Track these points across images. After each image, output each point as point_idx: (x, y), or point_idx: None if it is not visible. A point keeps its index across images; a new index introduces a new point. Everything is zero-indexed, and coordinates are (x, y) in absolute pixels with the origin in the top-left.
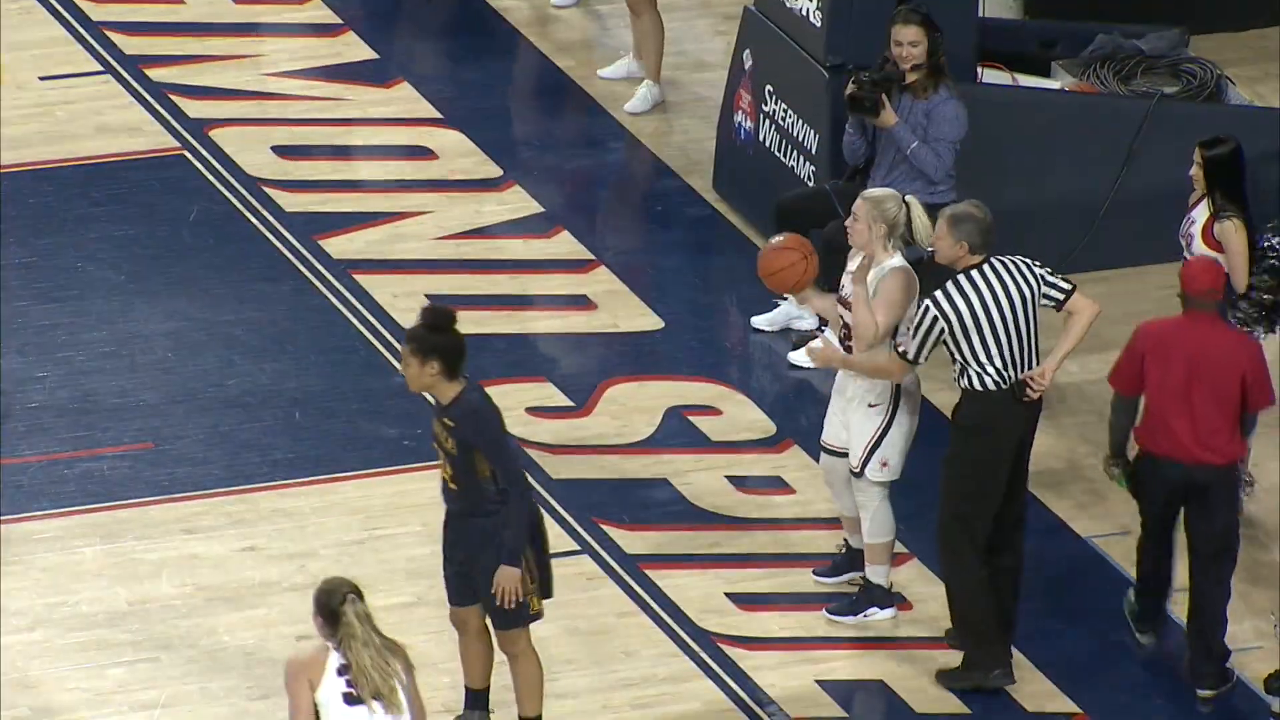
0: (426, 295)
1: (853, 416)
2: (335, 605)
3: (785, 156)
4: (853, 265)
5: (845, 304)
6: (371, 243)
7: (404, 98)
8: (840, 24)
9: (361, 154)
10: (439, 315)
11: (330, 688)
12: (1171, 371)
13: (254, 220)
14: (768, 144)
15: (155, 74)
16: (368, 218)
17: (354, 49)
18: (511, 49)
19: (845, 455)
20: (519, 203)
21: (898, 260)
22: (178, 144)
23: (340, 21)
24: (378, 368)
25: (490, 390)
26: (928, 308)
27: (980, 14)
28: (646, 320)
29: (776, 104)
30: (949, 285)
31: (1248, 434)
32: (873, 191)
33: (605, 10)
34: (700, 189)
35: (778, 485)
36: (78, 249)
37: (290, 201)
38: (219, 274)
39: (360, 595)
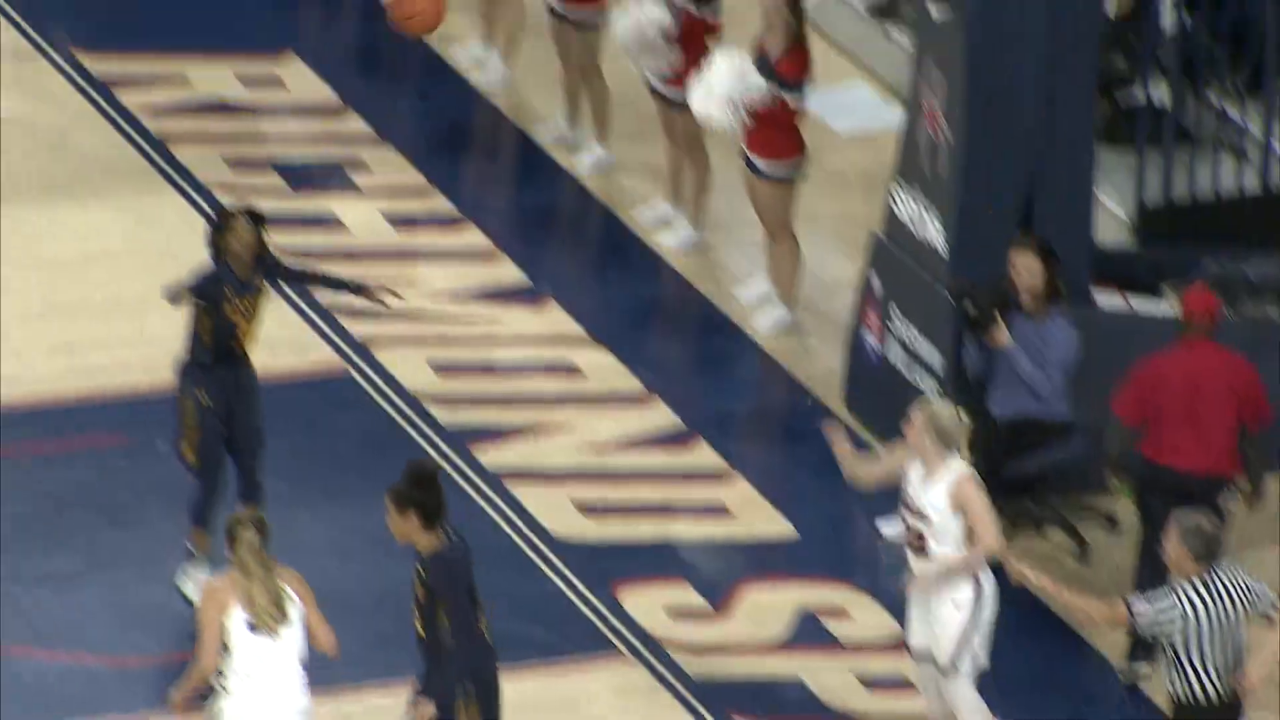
0: (572, 501)
1: (939, 613)
2: (234, 533)
3: (911, 374)
4: (914, 474)
5: (912, 510)
6: (522, 453)
7: (553, 317)
8: (963, 251)
9: (513, 370)
10: (420, 470)
11: (237, 616)
12: (1173, 397)
13: (412, 432)
14: (895, 363)
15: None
16: (519, 429)
17: (506, 272)
18: (654, 273)
19: (932, 659)
20: (660, 417)
21: (959, 465)
22: (342, 362)
23: (494, 246)
24: (528, 571)
25: (631, 591)
26: (1175, 601)
27: (1094, 239)
28: (780, 527)
29: (902, 325)
30: (1189, 588)
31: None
32: (930, 401)
33: (747, 237)
34: (831, 404)
35: (905, 686)
36: None
37: (447, 415)
38: (377, 483)
39: (261, 527)
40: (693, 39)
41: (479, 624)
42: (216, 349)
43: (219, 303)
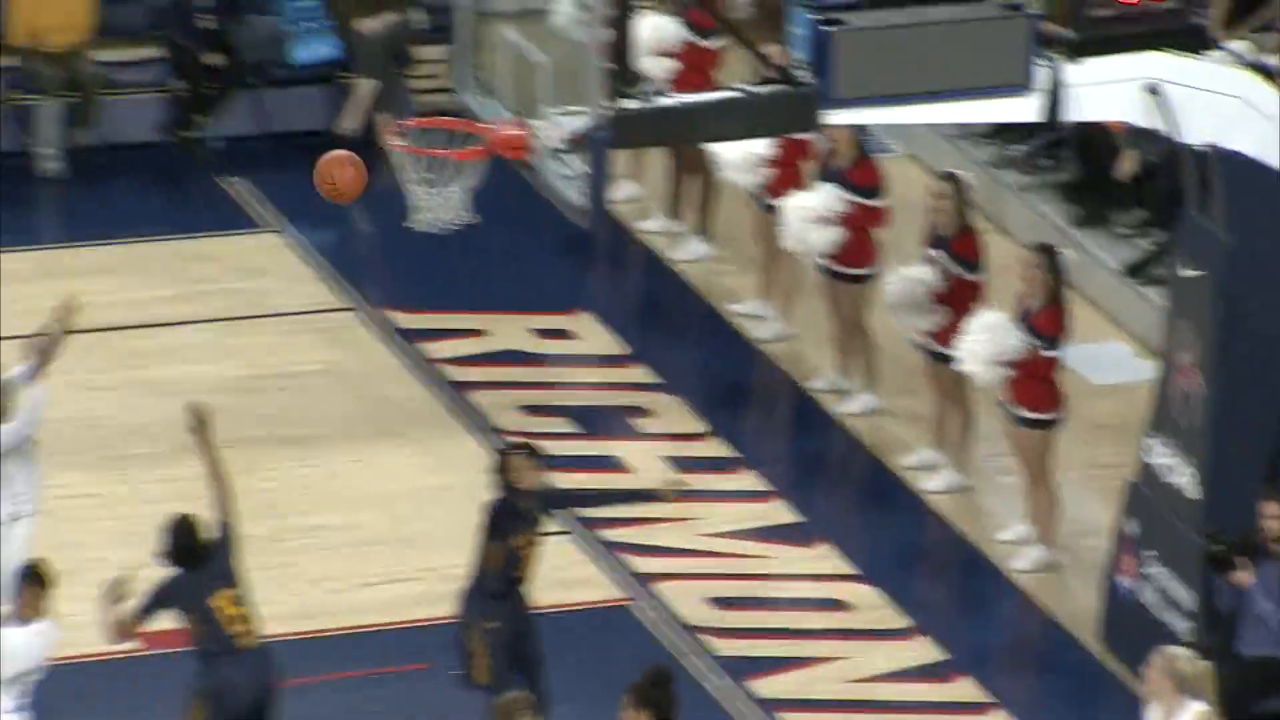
0: None
1: None
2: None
3: (1164, 614)
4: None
5: None
6: (793, 684)
7: (823, 556)
8: (1215, 498)
9: (786, 606)
10: (659, 673)
11: None
12: None
13: (689, 662)
14: (1148, 603)
15: (608, 533)
16: (791, 662)
17: (781, 512)
18: (919, 515)
19: None
20: (923, 652)
21: (1198, 708)
22: (625, 595)
23: (770, 489)
24: None
25: None
26: None
27: None
28: None
29: (1155, 567)
30: None
31: None
32: (1169, 649)
33: (1007, 483)
34: (1087, 642)
35: None
36: None
37: (723, 646)
38: None
39: (536, 711)
40: (959, 298)
41: None
42: (504, 578)
43: (506, 535)
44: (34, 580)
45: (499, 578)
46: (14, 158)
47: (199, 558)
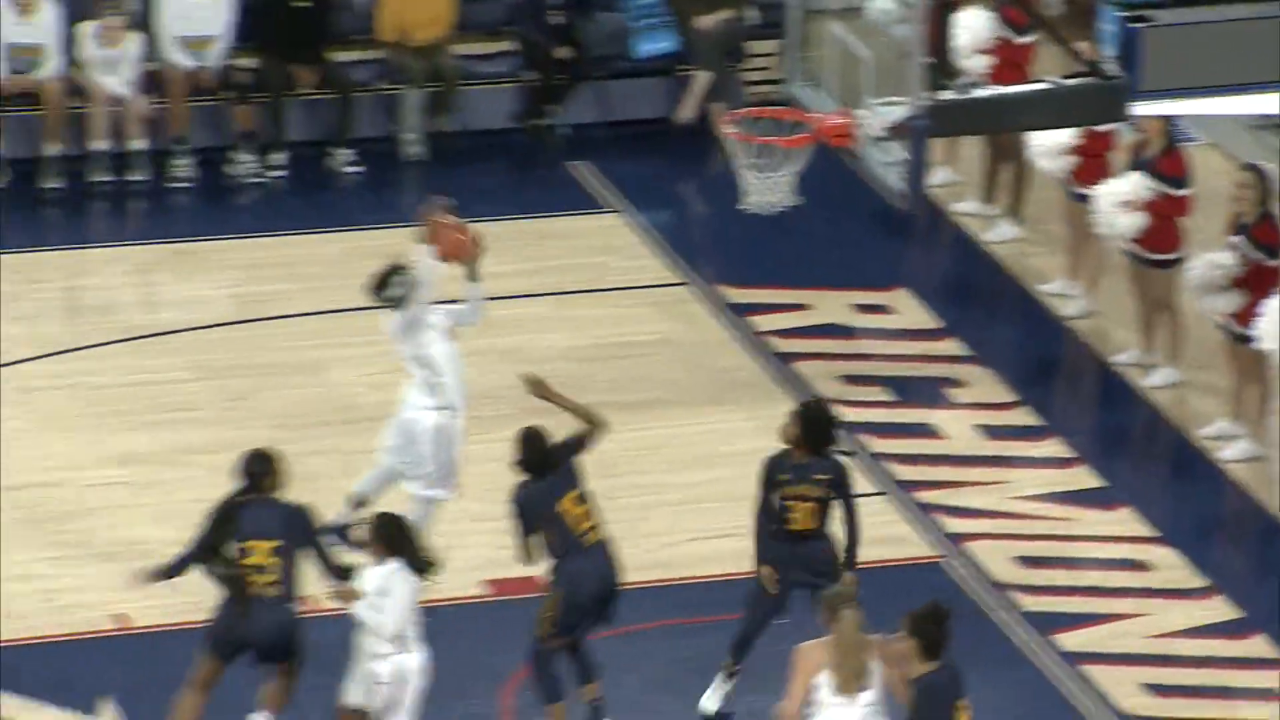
0: (1139, 682)
1: None
2: (835, 607)
3: None
4: None
5: None
6: (1096, 638)
7: (1124, 519)
8: None
9: (1089, 565)
10: (936, 609)
11: (824, 678)
12: None
13: (999, 617)
14: None
15: (923, 495)
16: (1095, 618)
17: (1085, 478)
18: (1218, 484)
19: None
20: (1220, 610)
21: None
22: (938, 553)
23: (1074, 455)
24: None
25: None
26: None
27: None
28: None
29: None
30: None
31: None
32: None
33: None
34: None
35: None
36: None
37: (1030, 602)
38: (967, 661)
39: (858, 606)
40: (1258, 282)
41: None
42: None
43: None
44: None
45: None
46: (381, 142)
47: (547, 467)
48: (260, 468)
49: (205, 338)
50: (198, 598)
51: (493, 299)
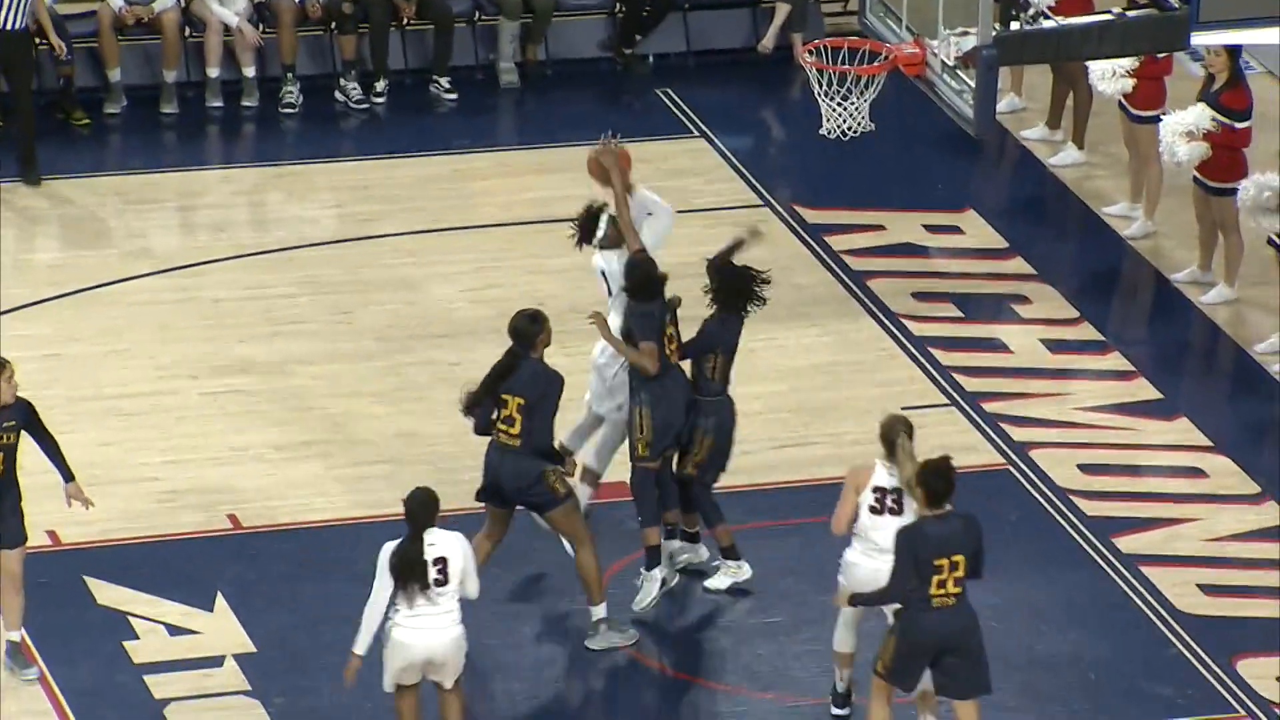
0: (1197, 583)
1: None
2: (892, 434)
3: None
4: None
5: None
6: (1154, 541)
7: (1182, 430)
8: None
9: (1148, 473)
10: (942, 463)
11: (868, 495)
12: None
13: (1061, 521)
14: None
15: (990, 406)
16: (1152, 523)
17: (1144, 390)
18: (1272, 395)
19: None
20: (1274, 515)
21: None
22: (1004, 461)
23: (1134, 369)
24: (1158, 640)
25: (1248, 661)
26: None
27: None
28: None
29: None
30: None
31: None
32: None
33: None
34: None
35: None
36: None
37: (1091, 507)
38: (1032, 562)
39: (911, 432)
40: None
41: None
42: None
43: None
44: None
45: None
46: (478, 70)
47: (656, 291)
48: (532, 328)
49: (312, 255)
50: (301, 502)
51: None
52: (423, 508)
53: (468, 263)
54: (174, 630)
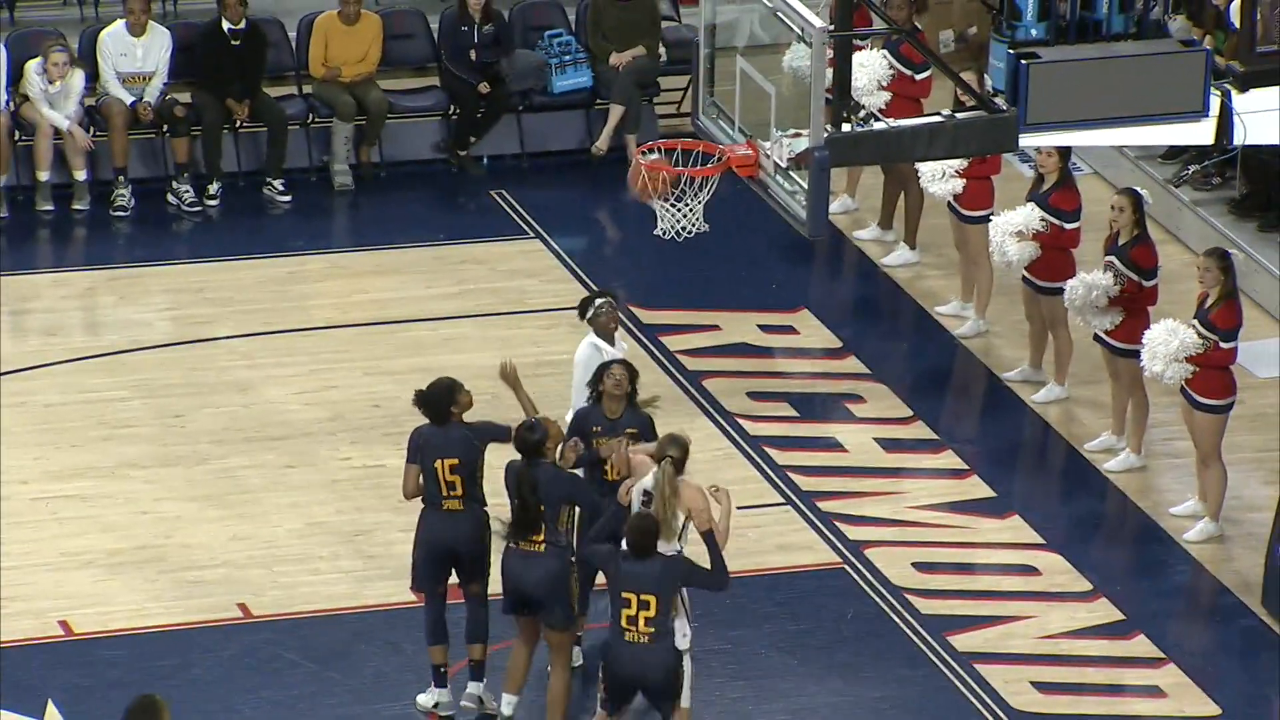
0: (1030, 680)
1: None
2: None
3: None
4: None
5: None
6: (988, 639)
7: (1015, 527)
8: None
9: (981, 570)
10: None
11: None
12: None
13: (897, 620)
14: None
15: (825, 505)
16: (987, 620)
17: (977, 488)
18: (1102, 493)
19: None
20: (1105, 612)
21: None
22: (839, 559)
23: (967, 467)
24: None
25: None
26: None
27: None
28: (1209, 709)
29: None
30: None
31: None
32: None
33: (1180, 464)
34: (1251, 605)
35: None
36: (762, 639)
37: (926, 605)
38: (870, 661)
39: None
40: (1135, 301)
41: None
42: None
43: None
44: None
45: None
46: (312, 173)
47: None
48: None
49: (146, 358)
50: (134, 608)
51: (419, 320)
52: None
53: (303, 365)
54: None
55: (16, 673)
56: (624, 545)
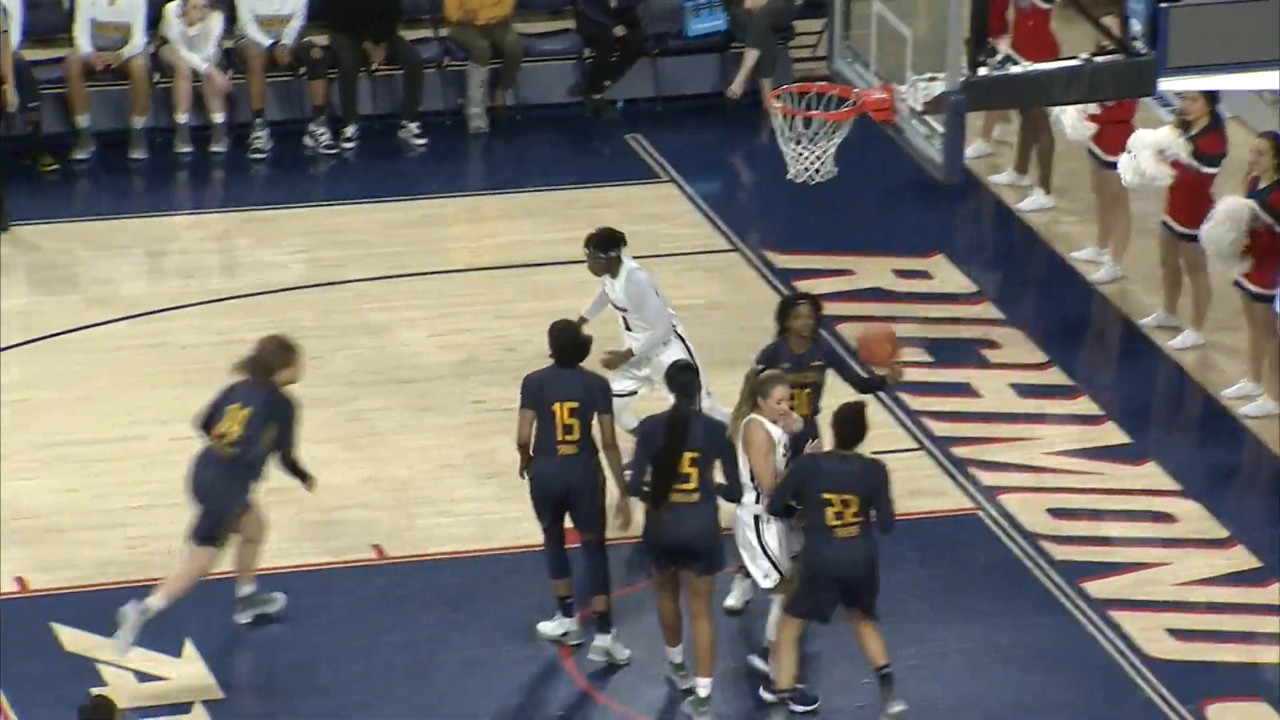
0: (1165, 627)
1: None
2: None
3: None
4: None
5: None
6: (1123, 586)
7: (1150, 474)
8: None
9: (1116, 518)
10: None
11: None
12: None
13: (1030, 566)
14: None
15: (958, 450)
16: (1121, 567)
17: (1112, 435)
18: (1238, 440)
19: None
20: (1241, 560)
21: None
22: (973, 505)
23: (1102, 413)
24: (1127, 686)
25: (1218, 707)
26: None
27: None
28: None
29: None
30: None
31: None
32: None
33: None
34: None
35: None
36: (894, 584)
37: (1059, 552)
38: (1001, 607)
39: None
40: (1272, 246)
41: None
42: None
43: None
44: None
45: None
46: (447, 116)
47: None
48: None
49: (280, 300)
50: (269, 547)
51: (551, 264)
52: None
53: (435, 308)
54: (142, 677)
55: None
56: (822, 447)
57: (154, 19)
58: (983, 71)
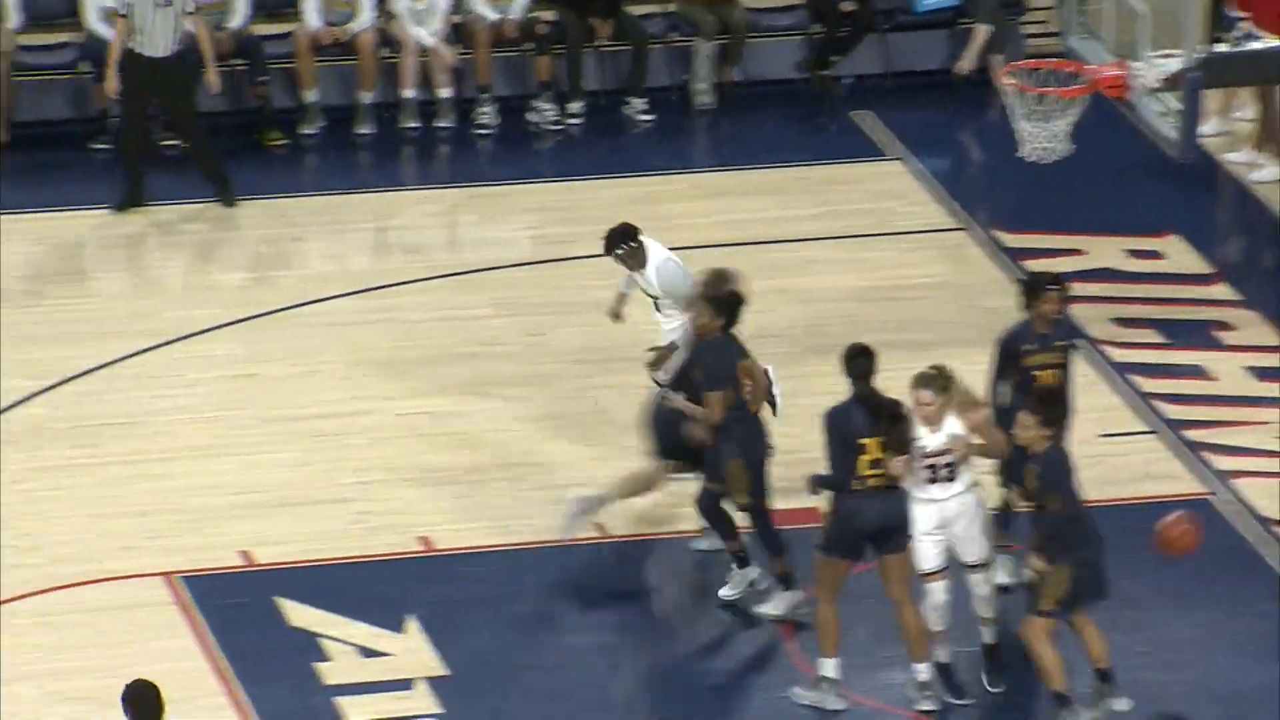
0: None
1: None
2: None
3: None
4: None
5: None
6: None
7: None
8: None
9: None
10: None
11: None
12: None
13: (1265, 552)
14: None
15: (1192, 434)
16: None
17: None
18: None
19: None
20: None
21: None
22: (1206, 490)
23: None
24: None
25: None
26: None
27: None
28: None
29: None
30: None
31: None
32: None
33: None
34: None
35: None
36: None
37: None
38: (1234, 593)
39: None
40: None
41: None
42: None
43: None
44: None
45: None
46: (673, 91)
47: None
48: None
49: (508, 276)
50: (494, 524)
51: (780, 241)
52: None
53: None
54: (366, 652)
55: (378, 587)
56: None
57: None
58: (1221, 47)
